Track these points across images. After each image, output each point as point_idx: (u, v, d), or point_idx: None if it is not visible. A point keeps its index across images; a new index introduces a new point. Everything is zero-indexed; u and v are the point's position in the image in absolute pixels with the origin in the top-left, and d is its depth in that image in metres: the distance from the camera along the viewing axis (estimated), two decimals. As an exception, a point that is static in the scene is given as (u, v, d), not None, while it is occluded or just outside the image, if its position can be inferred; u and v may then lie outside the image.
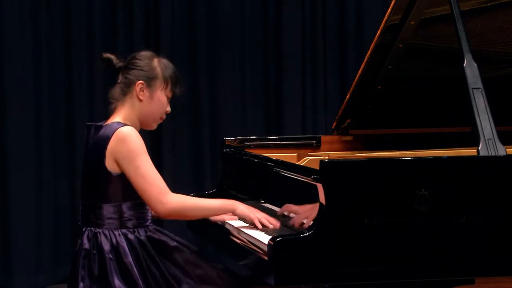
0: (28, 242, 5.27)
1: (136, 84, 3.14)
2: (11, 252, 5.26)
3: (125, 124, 3.10)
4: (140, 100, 3.15)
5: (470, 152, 3.17)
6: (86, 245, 3.08)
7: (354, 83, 3.80)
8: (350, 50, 5.77)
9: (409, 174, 2.88)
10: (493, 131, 3.04)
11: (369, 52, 3.67)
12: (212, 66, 5.62)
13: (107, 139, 3.06)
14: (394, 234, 2.84)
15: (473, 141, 3.06)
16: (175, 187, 5.55)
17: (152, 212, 3.16)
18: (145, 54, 3.21)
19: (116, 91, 3.18)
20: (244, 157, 3.78)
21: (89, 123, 3.18)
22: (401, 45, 3.68)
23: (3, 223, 5.27)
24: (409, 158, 3.00)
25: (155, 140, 5.47)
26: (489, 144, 3.02)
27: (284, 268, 2.79)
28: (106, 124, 3.12)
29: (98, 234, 3.08)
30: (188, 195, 3.62)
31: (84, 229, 3.13)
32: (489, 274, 2.95)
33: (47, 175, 5.34)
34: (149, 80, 3.15)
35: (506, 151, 3.02)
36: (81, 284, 3.03)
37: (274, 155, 3.70)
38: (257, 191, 3.64)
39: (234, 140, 3.94)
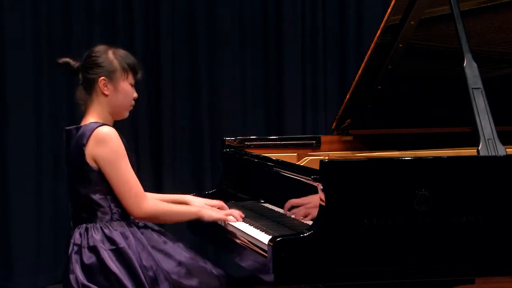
0: (28, 242, 5.27)
1: (99, 81, 3.20)
2: (11, 252, 5.26)
3: (102, 124, 3.16)
4: (106, 95, 3.21)
5: (470, 152, 3.17)
6: (78, 240, 3.14)
7: (354, 83, 3.79)
8: (350, 50, 5.77)
9: (409, 174, 2.88)
10: (493, 131, 3.04)
11: (369, 52, 3.67)
12: (212, 66, 5.62)
13: (84, 137, 3.14)
14: (394, 234, 2.84)
15: (473, 141, 3.06)
16: (175, 187, 5.57)
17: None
18: (99, 49, 3.26)
19: (81, 92, 3.26)
20: (244, 157, 3.78)
21: (68, 128, 3.25)
22: (401, 45, 3.67)
23: (3, 223, 5.27)
24: (409, 158, 3.00)
25: (155, 140, 5.47)
26: (489, 144, 3.02)
27: (284, 268, 2.79)
28: (84, 124, 3.19)
29: (90, 228, 3.14)
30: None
31: (76, 229, 3.18)
32: (489, 274, 2.95)
33: (47, 175, 5.34)
34: (110, 74, 3.21)
35: (506, 151, 3.02)
36: (74, 280, 3.08)
37: (274, 155, 3.70)
38: (257, 191, 3.64)
39: (234, 140, 3.94)
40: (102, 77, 3.20)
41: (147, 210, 3.13)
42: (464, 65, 3.16)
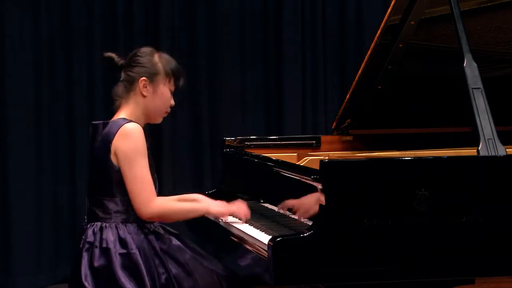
0: (28, 242, 5.28)
1: (139, 81, 3.19)
2: (11, 252, 5.26)
3: (130, 121, 3.14)
4: (144, 96, 3.20)
5: (470, 152, 3.17)
6: (90, 238, 3.11)
7: (354, 83, 3.80)
8: (350, 50, 5.77)
9: (409, 174, 2.88)
10: (493, 131, 3.04)
11: (369, 52, 3.67)
12: (212, 66, 5.62)
13: (112, 134, 3.11)
14: (394, 234, 2.83)
15: (473, 141, 3.06)
16: (175, 187, 5.57)
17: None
18: (145, 50, 3.25)
19: (119, 89, 3.23)
20: (244, 157, 3.78)
21: (95, 122, 3.21)
22: (401, 45, 3.68)
23: (3, 223, 5.27)
24: (409, 158, 3.00)
25: (156, 140, 5.47)
26: (489, 144, 3.02)
27: (284, 268, 2.79)
28: (112, 121, 3.17)
29: (104, 228, 3.11)
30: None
31: (89, 226, 3.15)
32: (489, 274, 2.95)
33: (47, 176, 5.34)
34: (152, 76, 3.20)
35: (506, 151, 3.02)
36: (83, 277, 3.05)
37: (274, 155, 3.70)
38: (257, 191, 3.64)
39: (234, 140, 3.94)
40: (143, 78, 3.19)
41: (153, 210, 3.10)
42: (464, 65, 3.15)
